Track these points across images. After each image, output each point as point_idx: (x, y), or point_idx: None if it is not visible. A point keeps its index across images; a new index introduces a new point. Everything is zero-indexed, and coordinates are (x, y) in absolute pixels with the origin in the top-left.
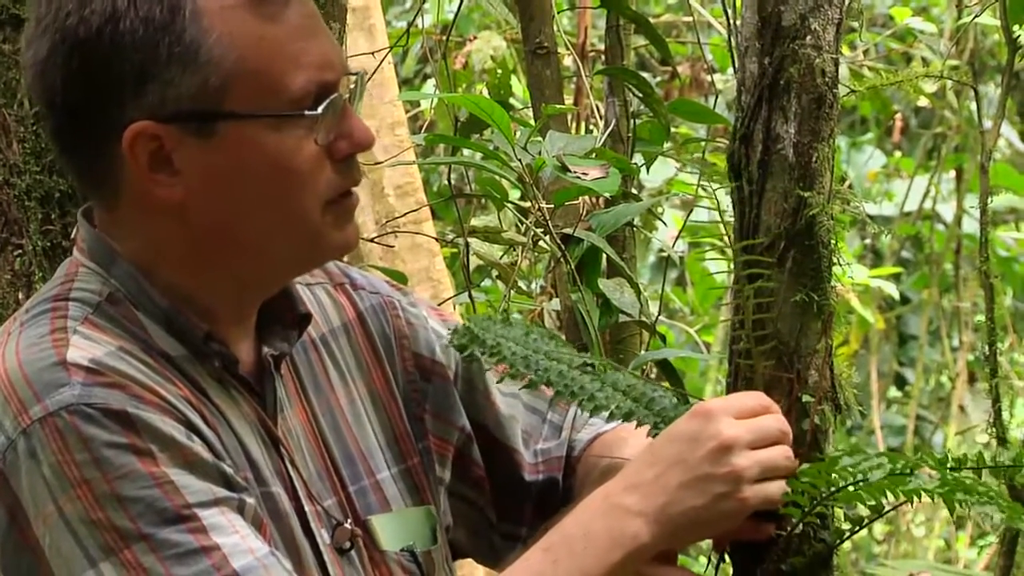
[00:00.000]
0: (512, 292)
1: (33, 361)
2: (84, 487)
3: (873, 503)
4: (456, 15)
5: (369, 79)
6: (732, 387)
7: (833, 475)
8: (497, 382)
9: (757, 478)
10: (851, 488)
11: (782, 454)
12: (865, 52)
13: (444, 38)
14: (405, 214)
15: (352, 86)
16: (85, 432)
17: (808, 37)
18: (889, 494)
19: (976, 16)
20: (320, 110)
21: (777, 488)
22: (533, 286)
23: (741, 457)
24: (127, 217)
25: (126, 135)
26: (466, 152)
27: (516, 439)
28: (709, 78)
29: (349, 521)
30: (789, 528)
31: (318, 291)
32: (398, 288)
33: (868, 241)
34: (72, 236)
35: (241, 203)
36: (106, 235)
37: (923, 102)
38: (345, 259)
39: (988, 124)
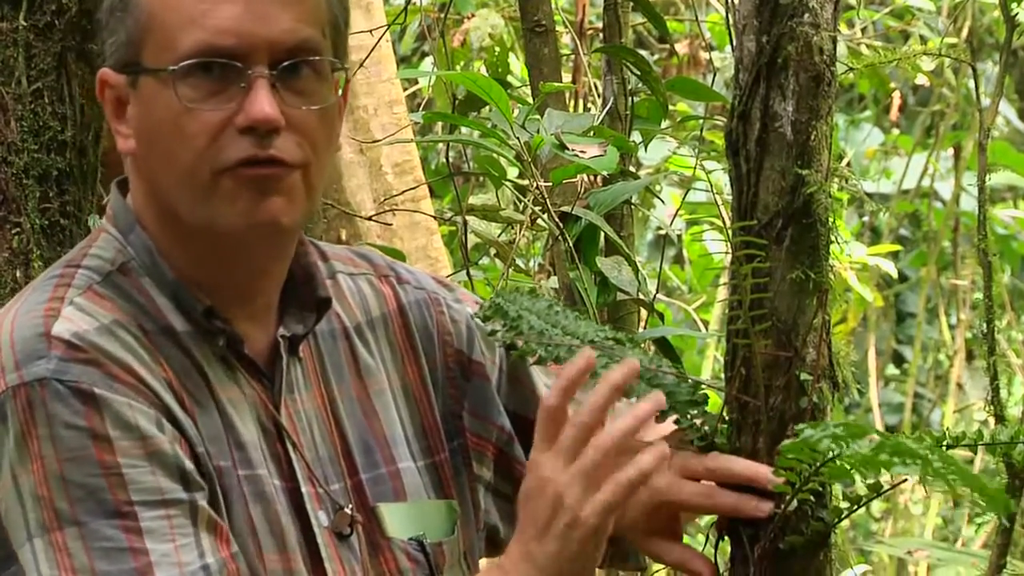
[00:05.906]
0: (510, 270)
1: (22, 327)
2: (38, 462)
3: (870, 481)
4: None
5: (367, 57)
6: (730, 366)
7: (814, 451)
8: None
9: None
10: (836, 463)
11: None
12: (863, 30)
13: (442, 16)
14: (403, 192)
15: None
16: (50, 408)
17: (806, 15)
18: (868, 469)
19: None
20: (174, 68)
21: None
22: (531, 264)
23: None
24: (129, 174)
25: (97, 80)
26: (464, 130)
27: None
28: (707, 56)
29: (350, 507)
30: (783, 506)
31: (360, 281)
32: (444, 284)
33: (866, 219)
34: (72, 213)
35: (150, 158)
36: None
37: (921, 80)
38: (343, 236)
39: (986, 102)
